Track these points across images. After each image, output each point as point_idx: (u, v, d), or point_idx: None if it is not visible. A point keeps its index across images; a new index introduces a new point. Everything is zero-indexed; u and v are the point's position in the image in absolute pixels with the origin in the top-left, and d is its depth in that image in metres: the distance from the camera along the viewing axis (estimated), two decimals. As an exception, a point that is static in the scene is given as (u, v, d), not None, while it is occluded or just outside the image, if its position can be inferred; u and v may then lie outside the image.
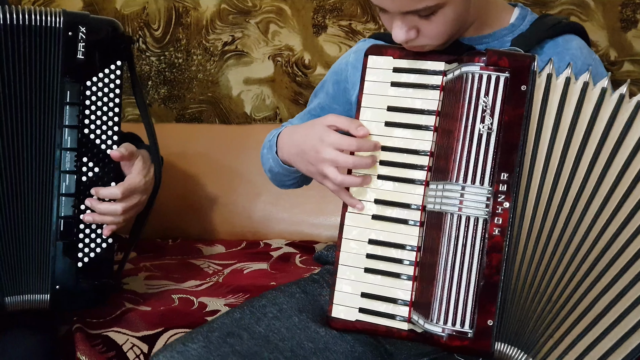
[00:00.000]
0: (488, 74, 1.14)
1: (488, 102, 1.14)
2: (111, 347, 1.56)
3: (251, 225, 2.38)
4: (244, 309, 1.31)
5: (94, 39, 1.51)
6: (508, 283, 1.14)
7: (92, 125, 1.51)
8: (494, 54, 1.15)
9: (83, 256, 1.51)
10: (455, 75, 1.19)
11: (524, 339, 1.15)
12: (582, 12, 2.38)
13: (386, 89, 1.26)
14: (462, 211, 1.14)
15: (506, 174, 1.13)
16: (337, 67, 1.49)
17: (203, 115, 2.66)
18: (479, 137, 1.14)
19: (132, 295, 1.75)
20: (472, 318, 1.13)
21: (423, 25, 1.19)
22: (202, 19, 2.60)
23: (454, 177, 1.15)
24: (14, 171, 1.47)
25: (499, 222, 1.13)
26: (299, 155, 1.32)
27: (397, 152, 1.24)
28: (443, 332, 1.14)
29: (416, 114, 1.24)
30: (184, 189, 2.37)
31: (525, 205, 1.14)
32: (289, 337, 1.27)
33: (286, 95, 2.61)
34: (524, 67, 1.14)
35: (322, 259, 1.52)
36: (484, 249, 1.13)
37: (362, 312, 1.25)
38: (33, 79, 1.48)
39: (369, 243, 1.26)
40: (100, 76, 1.51)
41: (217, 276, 1.95)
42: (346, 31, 2.54)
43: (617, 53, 2.42)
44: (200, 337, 1.23)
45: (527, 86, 1.14)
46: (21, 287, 1.48)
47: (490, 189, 1.13)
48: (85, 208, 1.50)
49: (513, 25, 1.33)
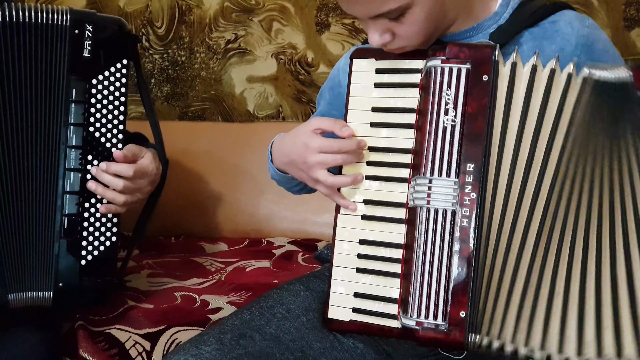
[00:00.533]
0: (450, 67, 1.17)
1: (451, 95, 1.16)
2: (114, 345, 1.56)
3: (254, 224, 2.39)
4: (253, 310, 1.31)
5: (100, 37, 1.51)
6: (480, 273, 1.15)
7: (97, 123, 1.51)
8: (454, 46, 1.17)
9: (86, 254, 1.51)
10: (424, 72, 1.20)
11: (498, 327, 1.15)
12: (586, 10, 2.38)
13: (370, 91, 1.28)
14: (430, 204, 1.16)
15: (472, 164, 1.15)
16: (332, 74, 1.51)
17: (206, 113, 2.66)
18: (444, 129, 1.16)
19: (134, 293, 1.75)
20: (445, 310, 1.14)
21: (395, 27, 1.20)
22: (205, 16, 2.60)
23: (422, 171, 1.17)
24: (18, 168, 1.47)
25: (467, 212, 1.14)
26: (290, 164, 1.34)
27: (383, 152, 1.25)
28: (417, 326, 1.15)
29: (398, 113, 1.25)
30: (187, 186, 2.38)
31: (495, 194, 1.15)
32: (298, 337, 1.27)
33: (289, 93, 2.61)
34: (484, 57, 1.16)
35: (323, 257, 1.53)
36: (453, 240, 1.15)
37: (356, 312, 1.26)
38: (38, 76, 1.48)
39: (360, 243, 1.26)
40: (106, 74, 1.52)
41: (220, 274, 1.95)
42: (349, 29, 2.54)
43: (621, 52, 2.40)
44: (212, 340, 1.23)
45: (489, 76, 1.15)
46: (24, 285, 1.48)
47: (457, 180, 1.15)
48: (89, 206, 1.51)
49: (496, 13, 1.32)
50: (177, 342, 1.56)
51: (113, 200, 1.50)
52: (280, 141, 1.41)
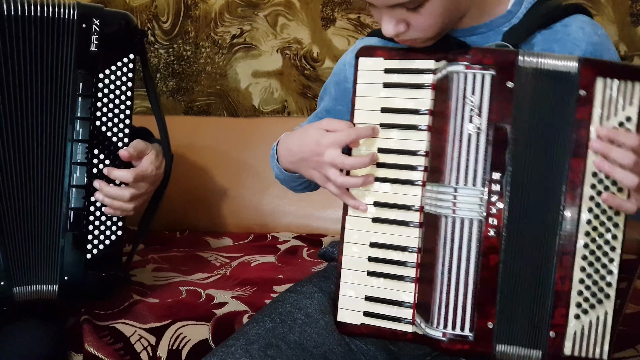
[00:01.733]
0: (473, 73, 1.13)
1: (475, 102, 1.13)
2: (119, 339, 1.57)
3: (259, 218, 2.39)
4: (273, 316, 1.30)
5: (107, 31, 1.51)
6: (507, 283, 1.13)
7: (103, 117, 1.51)
8: (478, 51, 1.14)
9: (92, 248, 1.51)
10: (442, 75, 1.18)
11: (521, 334, 1.15)
12: (592, 6, 2.37)
13: (378, 91, 1.25)
14: (456, 213, 1.13)
15: (498, 173, 1.12)
16: (337, 69, 1.48)
17: (211, 108, 2.66)
18: (469, 137, 1.13)
19: (139, 287, 1.75)
20: (472, 321, 1.13)
21: (412, 18, 1.18)
22: (210, 11, 2.60)
23: (445, 179, 1.14)
24: (24, 162, 1.47)
25: (494, 222, 1.12)
26: (300, 162, 1.32)
27: (394, 154, 1.23)
28: (444, 337, 1.14)
29: (410, 114, 1.22)
30: (192, 181, 2.38)
31: (522, 203, 1.13)
32: (320, 342, 1.26)
33: (294, 88, 2.61)
34: (509, 63, 1.13)
35: (327, 255, 1.52)
36: (481, 251, 1.12)
37: (367, 316, 1.25)
38: (44, 70, 1.48)
39: (371, 246, 1.25)
40: (113, 69, 1.52)
41: (225, 269, 1.95)
42: (355, 24, 2.54)
43: (627, 47, 2.41)
44: (241, 352, 1.22)
45: (514, 82, 1.12)
46: (30, 278, 1.49)
47: (483, 190, 1.12)
48: (95, 200, 1.51)
49: (510, 12, 1.30)
50: (182, 337, 1.56)
51: (121, 208, 1.51)
52: (287, 140, 1.39)
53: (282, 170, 1.43)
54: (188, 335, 1.57)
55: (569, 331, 1.12)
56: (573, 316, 1.12)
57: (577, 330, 1.12)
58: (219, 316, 1.61)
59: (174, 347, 1.56)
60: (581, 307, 1.12)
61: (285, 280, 1.81)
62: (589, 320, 1.12)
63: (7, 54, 1.45)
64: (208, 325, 1.59)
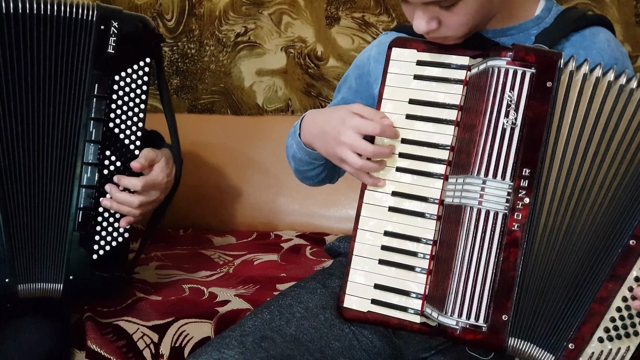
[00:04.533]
0: (514, 69, 1.14)
1: (513, 97, 1.14)
2: (122, 336, 1.57)
3: (262, 217, 2.39)
4: (272, 308, 1.31)
5: (125, 34, 1.52)
6: (525, 279, 1.14)
7: (117, 119, 1.52)
8: (522, 49, 1.14)
9: (98, 248, 1.52)
10: (480, 70, 1.19)
11: (537, 332, 1.15)
12: (597, 6, 2.37)
13: (409, 82, 1.26)
14: (482, 205, 1.14)
15: (528, 169, 1.13)
16: (360, 61, 1.48)
17: (215, 106, 2.66)
18: (503, 131, 1.14)
19: (142, 285, 1.76)
20: (487, 312, 1.13)
21: (445, 16, 1.19)
22: (215, 9, 2.60)
23: (475, 170, 1.15)
24: (34, 160, 1.48)
25: (519, 217, 1.13)
26: (320, 136, 1.32)
27: (417, 145, 1.24)
28: (457, 325, 1.14)
29: (438, 108, 1.23)
30: (196, 179, 2.38)
31: (544, 201, 1.14)
32: (317, 337, 1.27)
33: (298, 87, 2.61)
34: (551, 63, 1.14)
35: (334, 250, 1.52)
36: (502, 244, 1.13)
37: (375, 304, 1.25)
38: (59, 69, 1.49)
39: (385, 235, 1.26)
40: (129, 71, 1.53)
41: (228, 267, 1.96)
42: (359, 23, 2.54)
43: (632, 47, 2.41)
44: (235, 343, 1.23)
45: (553, 83, 1.13)
46: (35, 275, 1.49)
47: (512, 184, 1.13)
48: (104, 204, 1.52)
49: (539, 17, 1.32)
50: (185, 334, 1.57)
51: (128, 214, 1.52)
52: (314, 113, 1.39)
53: (301, 145, 1.41)
54: (191, 333, 1.57)
55: (587, 350, 1.13)
56: (597, 338, 1.13)
57: (596, 352, 1.13)
58: (222, 314, 1.61)
59: (177, 344, 1.56)
60: (608, 333, 1.12)
61: (288, 279, 1.81)
62: (610, 349, 1.12)
63: (20, 51, 1.46)
64: (211, 323, 1.59)
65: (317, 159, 1.41)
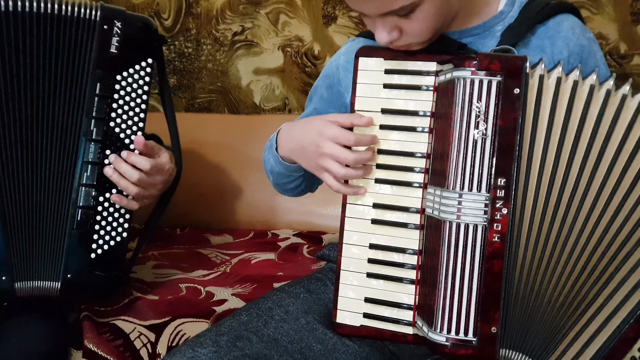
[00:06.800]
0: (480, 79, 1.12)
1: (481, 108, 1.12)
2: (119, 336, 1.57)
3: (259, 215, 2.39)
4: (251, 311, 1.31)
5: (128, 34, 1.53)
6: (510, 289, 1.14)
7: (118, 119, 1.52)
8: (485, 57, 1.13)
9: (97, 247, 1.52)
10: (447, 79, 1.17)
11: (529, 343, 1.15)
12: (593, 5, 2.37)
13: (379, 91, 1.24)
14: (460, 219, 1.13)
15: (503, 179, 1.12)
16: (329, 71, 1.47)
17: (212, 105, 2.67)
18: (474, 143, 1.13)
19: (140, 284, 1.76)
20: (476, 326, 1.13)
21: (405, 24, 1.18)
22: (212, 8, 2.60)
23: (450, 184, 1.14)
24: (34, 157, 1.48)
25: (498, 228, 1.12)
26: (299, 150, 1.31)
27: (394, 155, 1.23)
28: (447, 342, 1.14)
29: (410, 116, 1.22)
30: (193, 178, 2.38)
31: (523, 209, 1.13)
32: (297, 339, 1.26)
33: (295, 85, 2.61)
34: (516, 69, 1.12)
35: (325, 258, 1.52)
36: (485, 256, 1.12)
37: (367, 317, 1.25)
38: (60, 68, 1.49)
39: (370, 248, 1.25)
40: (131, 72, 1.53)
41: (225, 266, 1.96)
42: (356, 22, 2.54)
43: (628, 46, 2.41)
44: (209, 342, 1.23)
45: (520, 89, 1.12)
46: (32, 274, 1.50)
47: (488, 195, 1.12)
48: (103, 200, 1.52)
49: (502, 12, 1.31)
50: (182, 334, 1.57)
51: (126, 189, 1.51)
52: (289, 128, 1.38)
53: (278, 160, 1.42)
54: (188, 332, 1.57)
55: None
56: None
57: None
58: (219, 313, 1.61)
59: (174, 343, 1.56)
60: None
61: (285, 278, 1.81)
62: None
63: (19, 49, 1.46)
64: (208, 323, 1.59)
65: (295, 171, 1.41)
